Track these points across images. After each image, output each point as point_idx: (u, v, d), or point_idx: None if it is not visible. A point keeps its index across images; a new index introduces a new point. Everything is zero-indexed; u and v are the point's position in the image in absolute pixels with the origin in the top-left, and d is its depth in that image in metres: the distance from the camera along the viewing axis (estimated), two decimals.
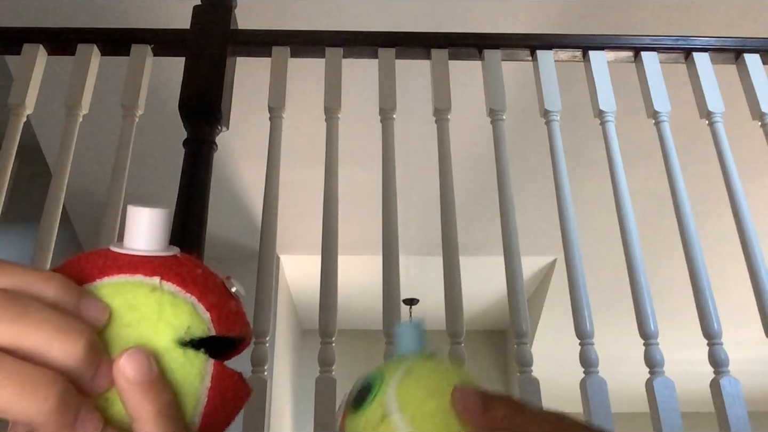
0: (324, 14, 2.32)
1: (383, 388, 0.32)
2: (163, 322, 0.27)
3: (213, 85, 1.42)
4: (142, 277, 0.27)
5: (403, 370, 0.33)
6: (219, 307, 0.29)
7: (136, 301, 0.27)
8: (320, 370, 1.21)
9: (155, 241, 0.29)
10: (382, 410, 0.31)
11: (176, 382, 0.27)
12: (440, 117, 1.46)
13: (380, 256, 1.31)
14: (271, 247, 1.32)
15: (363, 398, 0.32)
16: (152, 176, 3.04)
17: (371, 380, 0.33)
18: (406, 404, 0.31)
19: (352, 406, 0.33)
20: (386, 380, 0.32)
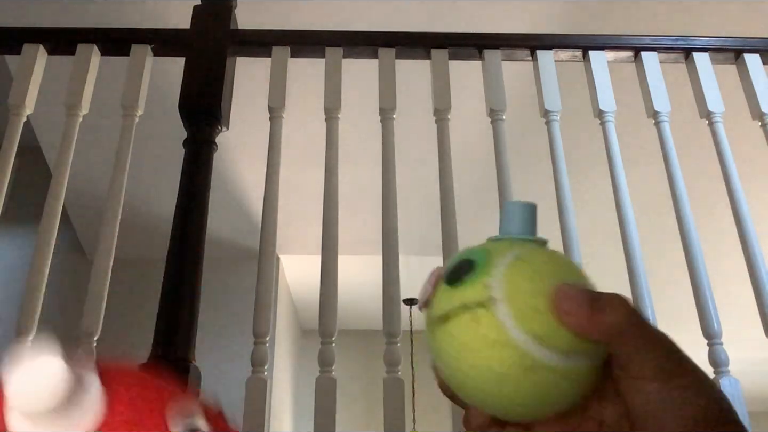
0: (324, 14, 2.31)
1: (489, 269, 0.28)
2: None
3: (213, 85, 1.42)
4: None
5: (513, 254, 0.29)
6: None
7: None
8: (320, 370, 1.21)
9: (60, 418, 0.22)
10: (486, 294, 0.28)
11: None
12: (440, 117, 1.46)
13: (380, 256, 1.31)
14: (271, 247, 1.31)
15: (462, 275, 0.29)
16: (152, 176, 3.04)
17: (475, 257, 0.29)
18: (514, 295, 0.27)
19: (448, 280, 0.29)
20: (493, 261, 0.28)
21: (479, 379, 0.28)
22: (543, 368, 0.27)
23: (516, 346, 0.27)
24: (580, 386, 0.28)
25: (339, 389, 1.20)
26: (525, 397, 0.27)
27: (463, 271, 0.29)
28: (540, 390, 0.27)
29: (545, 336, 0.27)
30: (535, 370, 0.27)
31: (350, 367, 4.75)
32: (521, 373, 0.27)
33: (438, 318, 0.29)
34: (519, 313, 0.27)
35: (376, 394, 4.47)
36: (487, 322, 0.27)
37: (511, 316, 0.27)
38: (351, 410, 4.69)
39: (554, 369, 0.27)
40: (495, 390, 0.27)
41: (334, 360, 1.22)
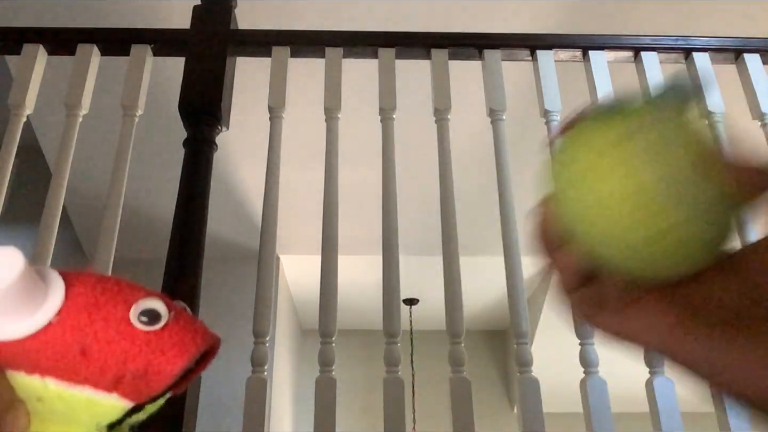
0: (324, 14, 2.31)
1: (650, 108, 0.26)
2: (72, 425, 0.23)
3: (213, 85, 1.42)
4: (23, 376, 0.22)
5: (671, 110, 0.27)
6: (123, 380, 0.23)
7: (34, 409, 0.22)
8: (320, 370, 1.21)
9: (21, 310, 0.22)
10: (649, 120, 0.26)
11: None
12: (440, 117, 1.46)
13: (380, 256, 1.31)
14: (271, 247, 1.32)
15: (614, 110, 0.27)
16: (152, 176, 3.04)
17: (627, 102, 0.27)
18: (678, 134, 0.26)
19: (597, 114, 0.27)
20: (656, 104, 0.27)
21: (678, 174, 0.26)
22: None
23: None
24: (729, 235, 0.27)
25: (339, 389, 1.20)
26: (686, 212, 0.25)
27: (615, 107, 0.28)
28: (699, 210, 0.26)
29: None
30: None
31: (350, 367, 4.75)
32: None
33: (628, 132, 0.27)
34: (686, 147, 0.26)
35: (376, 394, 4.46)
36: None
37: (678, 145, 0.26)
38: (351, 410, 4.69)
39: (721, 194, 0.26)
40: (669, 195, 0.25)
41: (334, 360, 1.22)
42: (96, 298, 0.24)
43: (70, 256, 3.37)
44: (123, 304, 0.24)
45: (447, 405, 1.20)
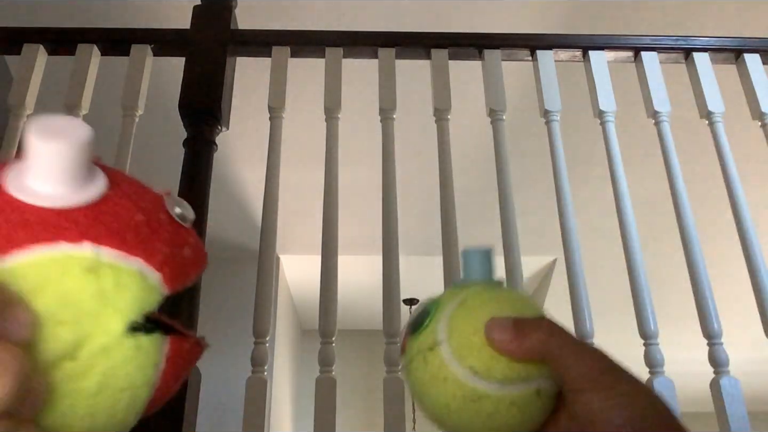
0: (324, 14, 2.31)
1: (437, 316, 0.32)
2: (109, 310, 0.21)
3: (213, 85, 1.42)
4: (67, 248, 0.20)
5: (458, 300, 0.33)
6: (171, 261, 0.23)
7: (69, 289, 0.20)
8: (320, 370, 1.21)
9: (74, 179, 0.21)
10: (434, 338, 0.31)
11: (128, 377, 0.21)
12: (440, 117, 1.46)
13: (380, 256, 1.31)
14: (271, 247, 1.32)
15: (420, 324, 0.33)
16: (152, 176, 3.03)
17: (429, 307, 0.33)
18: (454, 335, 0.31)
19: (410, 330, 0.33)
20: (441, 308, 0.33)
21: (437, 412, 0.31)
22: (486, 397, 0.30)
23: (457, 379, 0.30)
24: (529, 411, 0.30)
25: (339, 389, 1.20)
26: (477, 426, 0.30)
27: (421, 320, 0.33)
28: (489, 418, 0.30)
29: (483, 367, 0.30)
30: (479, 400, 0.30)
31: (350, 367, 4.75)
32: (467, 403, 0.30)
33: (406, 364, 0.33)
34: (458, 351, 0.30)
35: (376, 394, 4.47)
36: (433, 362, 0.31)
37: (452, 354, 0.30)
38: (351, 410, 4.69)
39: (497, 397, 0.30)
40: (451, 421, 0.31)
41: (334, 360, 1.22)
42: (133, 183, 0.24)
43: None
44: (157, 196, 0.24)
45: None
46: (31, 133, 0.20)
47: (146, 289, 0.22)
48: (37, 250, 0.20)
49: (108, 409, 0.21)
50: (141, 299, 0.22)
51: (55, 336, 0.20)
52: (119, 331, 0.21)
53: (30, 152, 0.21)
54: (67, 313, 0.20)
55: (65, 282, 0.20)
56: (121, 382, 0.21)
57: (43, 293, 0.20)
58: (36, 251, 0.20)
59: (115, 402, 0.21)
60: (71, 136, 0.21)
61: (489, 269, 0.35)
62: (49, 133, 0.20)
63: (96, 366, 0.21)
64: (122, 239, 0.21)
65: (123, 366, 0.21)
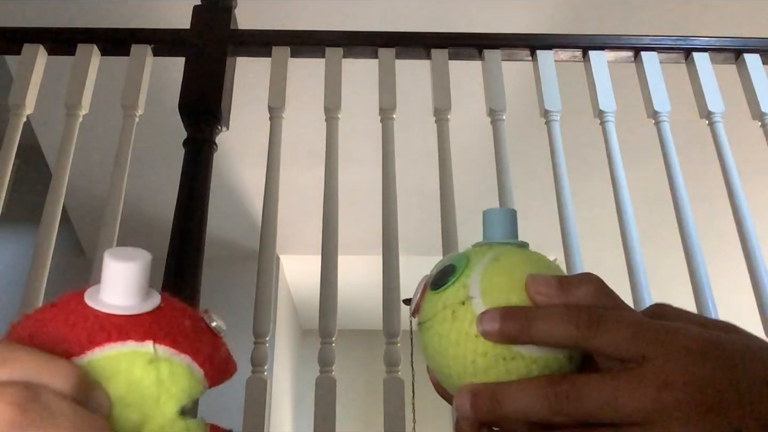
0: (324, 14, 2.31)
1: (468, 272, 0.31)
2: (164, 396, 0.25)
3: (213, 85, 1.42)
4: (134, 345, 0.26)
5: (491, 256, 0.31)
6: (211, 360, 0.28)
7: (135, 377, 0.25)
8: (320, 370, 1.21)
9: (138, 293, 0.27)
10: (465, 292, 0.30)
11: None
12: (440, 117, 1.46)
13: (380, 256, 1.31)
14: (271, 247, 1.31)
15: (445, 279, 0.31)
16: (152, 176, 3.04)
17: (456, 262, 0.32)
18: (490, 291, 0.30)
19: (432, 286, 0.31)
20: (472, 264, 0.31)
21: (457, 369, 0.30)
22: (520, 358, 0.28)
23: None
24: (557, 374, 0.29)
25: (339, 389, 1.20)
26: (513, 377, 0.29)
27: (446, 275, 0.31)
28: (517, 378, 0.29)
29: None
30: (512, 360, 0.29)
31: (350, 367, 4.75)
32: (498, 362, 0.29)
33: (425, 321, 0.31)
34: (494, 306, 0.29)
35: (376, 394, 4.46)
36: (464, 316, 0.29)
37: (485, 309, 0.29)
38: (351, 410, 4.69)
39: (531, 359, 0.29)
40: (474, 378, 0.29)
41: (334, 360, 1.22)
42: (179, 301, 0.29)
43: (70, 256, 3.37)
44: (199, 311, 0.30)
45: (447, 405, 1.20)
46: (107, 257, 0.26)
47: (194, 380, 0.27)
48: (111, 347, 0.25)
49: None
50: (190, 388, 0.26)
51: (124, 417, 0.25)
52: (173, 413, 0.26)
53: (105, 272, 0.27)
54: (133, 397, 0.25)
55: (132, 371, 0.25)
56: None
57: (115, 380, 0.25)
58: (110, 348, 0.25)
59: None
60: (138, 259, 0.27)
61: (512, 230, 0.33)
62: (121, 256, 0.26)
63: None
64: (175, 339, 0.27)
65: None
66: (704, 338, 0.27)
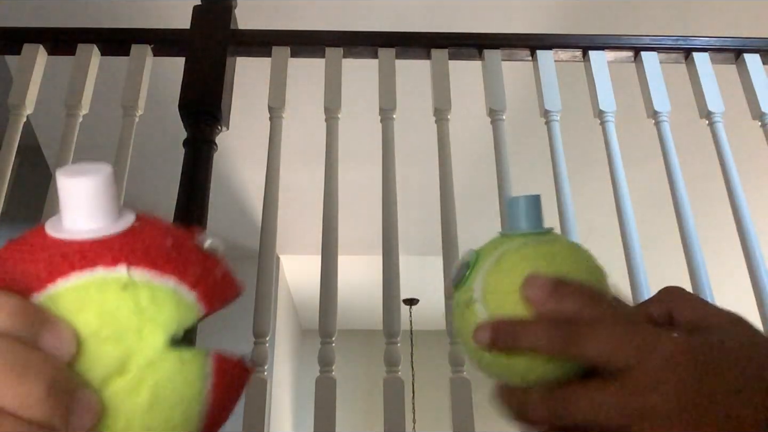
0: (324, 14, 2.31)
1: (474, 274, 0.32)
2: (147, 325, 0.22)
3: (213, 85, 1.42)
4: (103, 271, 0.22)
5: (496, 255, 0.32)
6: (204, 281, 0.24)
7: (108, 307, 0.22)
8: (320, 370, 1.21)
9: (104, 213, 0.23)
10: (470, 295, 0.32)
11: (177, 390, 0.22)
12: (440, 117, 1.46)
13: (380, 256, 1.31)
14: (271, 247, 1.31)
15: (461, 277, 0.33)
16: (152, 176, 3.04)
17: (470, 259, 0.33)
18: (490, 295, 0.31)
19: (453, 283, 0.33)
20: (479, 264, 0.32)
21: (476, 357, 0.32)
22: (518, 356, 0.30)
23: None
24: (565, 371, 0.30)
25: (339, 389, 1.20)
26: (512, 379, 0.32)
27: (461, 274, 0.33)
28: (523, 375, 0.31)
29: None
30: (512, 357, 0.31)
31: (350, 367, 4.75)
32: (500, 359, 0.31)
33: (453, 308, 0.34)
34: (493, 311, 0.31)
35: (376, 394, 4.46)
36: (469, 318, 0.32)
37: (488, 315, 0.31)
38: (351, 410, 4.69)
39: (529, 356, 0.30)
40: (487, 369, 0.32)
41: (334, 360, 1.22)
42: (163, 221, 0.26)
43: None
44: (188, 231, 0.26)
45: (447, 405, 1.20)
46: (59, 175, 0.23)
47: (182, 306, 0.23)
48: (76, 276, 0.22)
49: (163, 424, 0.22)
50: (178, 315, 0.23)
51: (101, 353, 0.21)
52: (161, 344, 0.22)
53: (60, 194, 0.23)
54: (108, 330, 0.21)
55: (104, 301, 0.22)
56: (171, 396, 0.22)
57: (84, 312, 0.21)
58: (75, 277, 0.22)
59: (169, 418, 0.22)
60: (94, 173, 0.23)
61: (536, 217, 0.33)
62: (74, 172, 0.23)
63: (145, 380, 0.22)
64: (154, 261, 0.23)
65: (171, 379, 0.22)
66: (688, 344, 0.28)
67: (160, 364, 0.22)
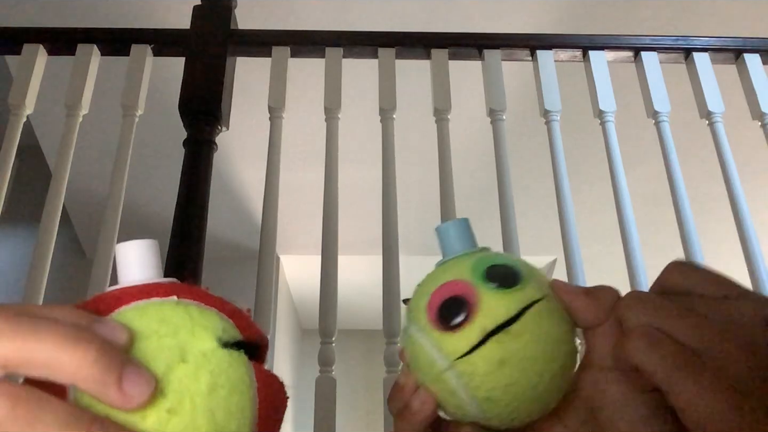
0: (324, 14, 2.31)
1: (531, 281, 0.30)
2: (198, 327, 0.26)
3: (213, 85, 1.42)
4: (158, 299, 0.27)
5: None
6: (238, 315, 0.29)
7: (165, 315, 0.26)
8: (320, 370, 1.21)
9: (153, 271, 0.29)
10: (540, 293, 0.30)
11: (231, 380, 0.25)
12: (440, 117, 1.46)
13: (380, 256, 1.31)
14: (271, 247, 1.32)
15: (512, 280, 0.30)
16: (152, 176, 3.04)
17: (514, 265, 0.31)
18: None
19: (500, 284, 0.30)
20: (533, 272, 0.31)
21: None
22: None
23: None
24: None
25: (339, 389, 1.20)
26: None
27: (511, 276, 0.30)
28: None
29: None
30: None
31: (350, 367, 4.75)
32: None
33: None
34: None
35: (376, 394, 4.46)
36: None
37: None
38: (351, 410, 4.69)
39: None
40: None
41: (334, 360, 1.22)
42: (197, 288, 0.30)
43: (70, 256, 3.37)
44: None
45: None
46: (117, 247, 0.29)
47: (225, 321, 0.27)
48: (136, 303, 0.26)
49: (223, 409, 0.24)
50: (223, 325, 0.27)
51: (162, 345, 0.24)
52: (212, 342, 0.25)
53: (118, 259, 0.28)
54: (166, 329, 0.25)
55: (161, 310, 0.26)
56: (227, 384, 0.25)
57: (144, 319, 0.25)
58: (135, 303, 0.26)
59: (227, 404, 0.25)
60: (144, 240, 0.29)
61: (468, 238, 0.33)
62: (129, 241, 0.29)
63: (203, 367, 0.25)
64: (197, 296, 0.28)
65: (224, 371, 0.25)
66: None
67: (213, 356, 0.25)
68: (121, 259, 0.28)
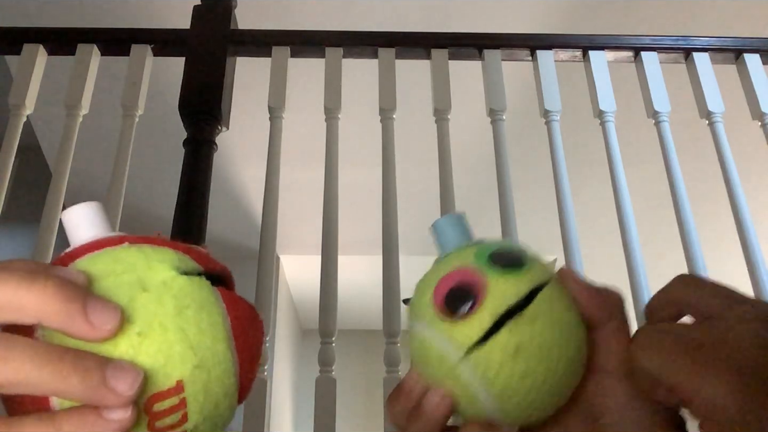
0: (324, 14, 2.31)
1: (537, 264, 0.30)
2: (154, 261, 0.26)
3: (213, 85, 1.42)
4: (110, 248, 0.27)
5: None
6: (194, 251, 0.28)
7: (119, 256, 0.26)
8: (320, 370, 1.21)
9: (102, 229, 0.28)
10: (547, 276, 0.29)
11: (196, 300, 0.25)
12: (440, 117, 1.46)
13: (380, 256, 1.31)
14: (271, 247, 1.32)
15: (519, 261, 0.29)
16: (152, 176, 3.04)
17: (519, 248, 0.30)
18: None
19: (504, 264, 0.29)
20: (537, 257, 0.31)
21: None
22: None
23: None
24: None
25: (339, 389, 1.20)
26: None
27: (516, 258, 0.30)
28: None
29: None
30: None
31: (350, 367, 4.75)
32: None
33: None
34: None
35: (376, 394, 4.46)
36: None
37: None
38: (351, 410, 4.69)
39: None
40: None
41: (334, 360, 1.22)
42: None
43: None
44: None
45: None
46: (62, 214, 0.28)
47: (181, 258, 0.27)
48: (90, 254, 0.26)
49: (194, 327, 0.25)
50: (178, 259, 0.26)
51: (120, 281, 0.25)
52: (171, 271, 0.26)
53: (66, 226, 0.28)
54: (122, 267, 0.25)
55: (114, 252, 0.26)
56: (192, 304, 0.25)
57: (99, 263, 0.25)
58: (89, 255, 0.26)
59: (198, 321, 0.25)
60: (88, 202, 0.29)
61: (462, 233, 0.32)
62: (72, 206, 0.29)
63: (165, 293, 0.25)
64: (149, 241, 0.28)
65: (188, 293, 0.25)
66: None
67: (174, 283, 0.25)
68: (68, 225, 0.28)
